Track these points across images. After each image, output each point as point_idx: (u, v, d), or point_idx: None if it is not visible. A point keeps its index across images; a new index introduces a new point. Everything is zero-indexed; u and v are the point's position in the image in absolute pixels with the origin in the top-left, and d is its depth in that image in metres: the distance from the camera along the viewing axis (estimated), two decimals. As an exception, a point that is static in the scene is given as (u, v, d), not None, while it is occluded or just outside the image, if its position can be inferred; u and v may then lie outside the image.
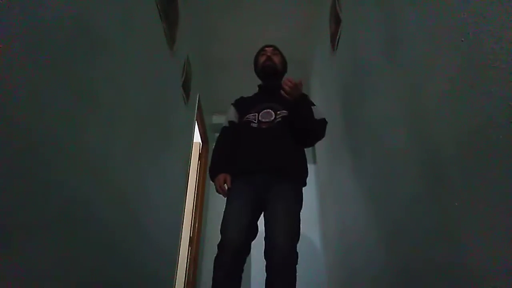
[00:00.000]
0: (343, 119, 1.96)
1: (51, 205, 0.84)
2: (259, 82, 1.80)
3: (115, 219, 1.23)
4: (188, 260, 2.74)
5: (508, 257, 0.64)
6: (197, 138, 3.21)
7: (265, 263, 1.23)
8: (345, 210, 1.99)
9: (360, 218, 1.64)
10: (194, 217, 2.98)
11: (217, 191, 1.48)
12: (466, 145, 0.77)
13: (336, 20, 2.00)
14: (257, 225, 1.39)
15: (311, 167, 3.37)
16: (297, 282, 1.23)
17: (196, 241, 2.93)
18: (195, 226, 2.97)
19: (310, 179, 3.27)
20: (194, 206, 3.01)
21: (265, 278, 1.22)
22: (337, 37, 1.99)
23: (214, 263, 1.27)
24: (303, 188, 1.51)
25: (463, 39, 0.77)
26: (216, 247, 1.29)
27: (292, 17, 2.70)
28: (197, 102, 2.84)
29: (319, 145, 2.95)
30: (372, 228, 1.45)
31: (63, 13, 0.90)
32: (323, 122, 1.57)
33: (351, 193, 1.82)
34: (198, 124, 3.06)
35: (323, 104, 2.63)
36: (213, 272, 1.26)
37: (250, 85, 1.81)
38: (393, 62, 1.20)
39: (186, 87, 2.38)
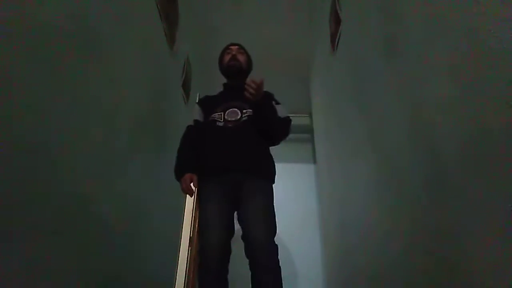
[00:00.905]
0: (343, 119, 1.96)
1: (50, 205, 0.84)
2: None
3: (115, 219, 1.23)
4: (188, 260, 2.74)
5: (508, 257, 0.64)
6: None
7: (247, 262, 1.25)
8: (345, 210, 1.99)
9: (360, 218, 1.64)
10: (194, 217, 2.97)
11: (183, 190, 1.45)
12: (466, 145, 0.77)
13: (336, 20, 2.00)
14: (233, 223, 1.40)
15: (311, 167, 3.39)
16: (296, 282, 1.24)
17: (196, 241, 2.93)
18: (195, 226, 2.97)
19: (310, 179, 3.29)
20: (194, 206, 3.01)
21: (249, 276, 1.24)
22: (337, 37, 1.99)
23: (200, 271, 1.28)
24: (273, 185, 1.53)
25: (467, 35, 0.77)
26: (197, 253, 1.30)
27: (292, 17, 2.70)
28: (197, 102, 2.84)
29: (319, 145, 2.95)
30: (372, 228, 1.45)
31: (62, 13, 0.90)
32: (286, 121, 1.58)
33: (351, 193, 1.82)
34: (198, 124, 3.05)
35: (323, 104, 2.63)
36: (200, 279, 1.27)
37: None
38: (393, 62, 1.20)
39: (186, 87, 2.38)
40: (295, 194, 3.10)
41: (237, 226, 1.39)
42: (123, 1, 1.31)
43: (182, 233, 2.36)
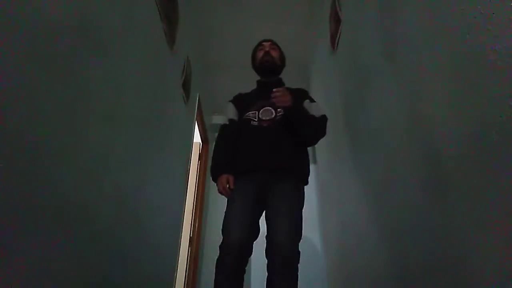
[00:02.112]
0: (343, 119, 1.96)
1: (50, 205, 0.84)
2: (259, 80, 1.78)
3: (115, 219, 1.23)
4: (188, 260, 2.74)
5: (508, 257, 0.64)
6: (197, 138, 3.21)
7: (265, 262, 1.23)
8: (345, 210, 1.99)
9: (360, 218, 1.64)
10: (194, 217, 2.98)
11: (219, 192, 1.44)
12: (466, 145, 0.77)
13: (336, 20, 2.00)
14: (259, 224, 1.37)
15: (311, 167, 3.39)
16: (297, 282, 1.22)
17: (196, 241, 2.93)
18: (195, 226, 2.97)
19: (310, 179, 3.27)
20: (194, 206, 3.01)
21: (266, 277, 1.22)
22: (337, 37, 1.99)
23: (216, 265, 1.26)
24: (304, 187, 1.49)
25: (467, 35, 0.77)
26: (218, 247, 1.27)
27: (292, 17, 2.70)
28: (197, 102, 2.84)
29: (319, 145, 2.95)
30: (373, 229, 1.45)
31: (62, 13, 0.90)
32: (323, 119, 1.54)
33: (351, 193, 1.82)
34: (198, 124, 3.06)
35: (323, 104, 2.63)
36: (215, 273, 1.24)
37: (250, 85, 1.81)
38: (393, 62, 1.20)
39: (186, 87, 2.38)
40: (295, 194, 3.10)
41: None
42: (123, 1, 1.31)
43: (182, 233, 2.36)
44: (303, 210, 1.46)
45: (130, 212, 1.38)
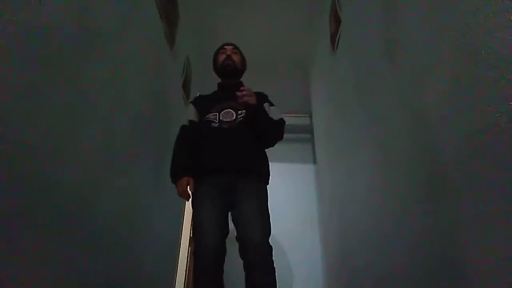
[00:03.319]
0: (343, 119, 1.96)
1: (50, 205, 0.84)
2: (258, 81, 1.80)
3: (115, 219, 1.23)
4: (188, 260, 2.74)
5: (509, 257, 0.64)
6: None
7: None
8: (345, 211, 1.99)
9: (360, 218, 1.64)
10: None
11: (179, 194, 1.42)
12: (466, 145, 0.77)
13: (336, 20, 2.00)
14: (228, 224, 1.40)
15: (311, 167, 3.39)
16: (296, 283, 1.24)
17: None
18: (195, 226, 2.97)
19: (310, 179, 3.29)
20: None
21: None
22: (337, 37, 1.99)
23: (195, 272, 1.28)
24: (267, 186, 1.53)
25: (467, 35, 0.77)
26: (193, 254, 1.30)
27: (292, 17, 2.70)
28: (197, 102, 2.84)
29: (319, 145, 2.95)
30: (373, 229, 1.45)
31: (62, 13, 0.90)
32: (281, 123, 1.60)
33: (351, 194, 1.82)
34: (198, 124, 3.05)
35: (323, 104, 2.63)
36: (195, 280, 1.27)
37: (250, 85, 1.81)
38: (393, 62, 1.20)
39: (186, 87, 2.38)
40: (295, 194, 3.10)
41: (231, 226, 1.39)
42: (123, 1, 1.31)
43: (182, 233, 2.36)
44: (301, 210, 1.47)
45: (130, 212, 1.38)
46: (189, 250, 2.79)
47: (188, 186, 1.41)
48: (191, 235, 2.84)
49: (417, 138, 1.03)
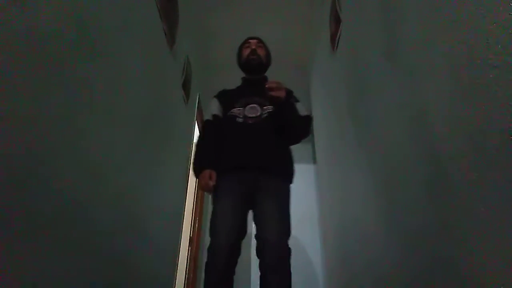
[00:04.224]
0: (343, 119, 1.96)
1: (50, 207, 0.84)
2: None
3: (115, 220, 1.23)
4: (188, 260, 2.74)
5: (509, 257, 0.64)
6: (197, 137, 3.21)
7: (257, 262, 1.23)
8: (345, 211, 1.99)
9: (360, 218, 1.64)
10: (194, 217, 2.98)
11: (201, 187, 1.41)
12: (466, 145, 0.77)
13: (336, 20, 2.00)
14: (246, 223, 1.36)
15: (311, 167, 3.39)
16: (296, 283, 1.23)
17: (196, 241, 2.93)
18: (195, 226, 2.97)
19: (310, 179, 3.29)
20: (194, 206, 3.01)
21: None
22: (337, 37, 1.99)
23: (206, 268, 1.26)
24: (291, 185, 1.49)
25: (467, 35, 0.77)
26: (207, 250, 1.27)
27: (292, 17, 2.70)
28: (197, 102, 2.85)
29: (319, 145, 2.95)
30: (372, 229, 1.45)
31: (62, 13, 0.90)
32: (307, 120, 1.54)
33: (351, 194, 1.82)
34: (198, 124, 3.06)
35: (323, 104, 2.63)
36: (205, 277, 1.24)
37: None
38: (393, 62, 1.20)
39: (186, 87, 2.39)
40: (295, 194, 3.08)
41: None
42: (123, 1, 1.31)
43: (182, 233, 2.36)
44: (302, 210, 1.45)
45: (130, 212, 1.38)
46: (189, 250, 2.79)
47: (211, 179, 1.38)
48: (191, 235, 2.84)
49: (417, 138, 1.03)
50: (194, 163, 1.49)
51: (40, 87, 0.80)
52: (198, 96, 2.87)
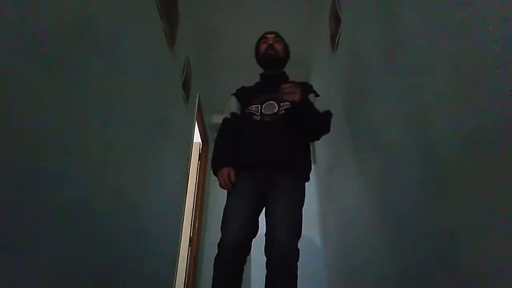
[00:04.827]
0: (343, 119, 1.96)
1: (50, 206, 0.84)
2: (258, 81, 1.77)
3: (115, 220, 1.23)
4: (188, 260, 2.74)
5: (508, 257, 0.64)
6: (197, 138, 3.22)
7: (265, 260, 1.22)
8: (345, 210, 1.99)
9: (360, 218, 1.64)
10: (194, 217, 2.98)
11: (220, 185, 1.41)
12: (466, 145, 0.77)
13: (336, 20, 2.00)
14: (258, 222, 1.35)
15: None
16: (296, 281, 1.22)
17: (196, 241, 2.93)
18: (195, 226, 2.97)
19: (310, 179, 3.29)
20: (194, 206, 3.01)
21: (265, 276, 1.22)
22: (337, 37, 1.99)
23: (214, 263, 1.25)
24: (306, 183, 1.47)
25: (467, 35, 0.77)
26: (216, 246, 1.27)
27: (292, 17, 2.70)
28: (197, 102, 2.84)
29: (319, 145, 2.95)
30: (372, 228, 1.45)
31: (62, 13, 0.90)
32: (328, 115, 1.50)
33: (351, 193, 1.82)
34: (198, 124, 3.06)
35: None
36: (214, 272, 1.24)
37: (249, 85, 1.81)
38: (393, 62, 1.20)
39: (186, 87, 2.38)
40: (295, 194, 3.10)
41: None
42: (123, 1, 1.31)
43: (182, 233, 2.36)
44: (303, 208, 1.44)
45: (130, 212, 1.38)
46: (189, 250, 2.79)
47: (230, 177, 1.38)
48: (191, 235, 2.84)
49: (416, 137, 1.03)
50: (212, 161, 1.48)
51: (40, 86, 0.80)
52: (198, 96, 2.87)
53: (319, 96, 1.58)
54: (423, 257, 0.98)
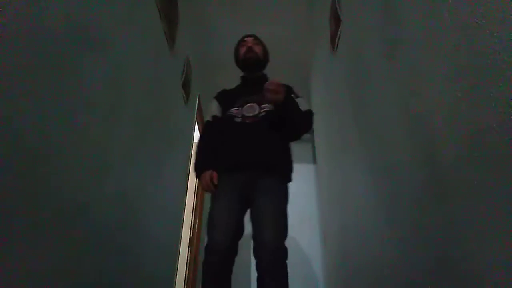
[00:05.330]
0: (343, 119, 1.96)
1: (50, 206, 0.84)
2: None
3: (115, 220, 1.23)
4: (188, 260, 2.74)
5: (509, 257, 0.64)
6: (197, 138, 3.21)
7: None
8: (345, 211, 1.99)
9: (360, 218, 1.64)
10: (194, 217, 2.98)
11: (203, 188, 1.42)
12: (466, 145, 0.77)
13: (336, 20, 2.00)
14: (243, 223, 1.37)
15: (310, 167, 3.39)
16: (295, 283, 1.22)
17: (196, 241, 2.93)
18: (195, 226, 2.97)
19: (310, 179, 3.30)
20: (194, 206, 3.01)
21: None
22: (337, 37, 1.99)
23: (203, 268, 1.26)
24: (289, 184, 1.49)
25: (467, 35, 0.77)
26: (204, 249, 1.28)
27: (292, 17, 2.70)
28: (197, 102, 2.85)
29: (319, 145, 2.95)
30: (372, 229, 1.45)
31: (62, 13, 0.90)
32: (309, 115, 1.53)
33: (351, 193, 1.82)
34: (198, 124, 3.06)
35: (323, 104, 2.63)
36: (203, 276, 1.25)
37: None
38: (393, 62, 1.20)
39: (186, 87, 2.39)
40: (295, 194, 3.08)
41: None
42: (123, 1, 1.31)
43: (182, 233, 2.36)
44: (302, 210, 1.44)
45: (130, 212, 1.38)
46: (189, 250, 2.79)
47: (212, 180, 1.39)
48: (191, 235, 2.84)
49: (417, 138, 1.03)
50: (195, 164, 1.50)
51: (40, 86, 0.80)
52: (198, 96, 2.87)
53: (299, 97, 1.60)
54: (423, 258, 0.98)
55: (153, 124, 1.68)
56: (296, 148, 1.52)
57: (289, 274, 1.23)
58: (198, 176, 1.46)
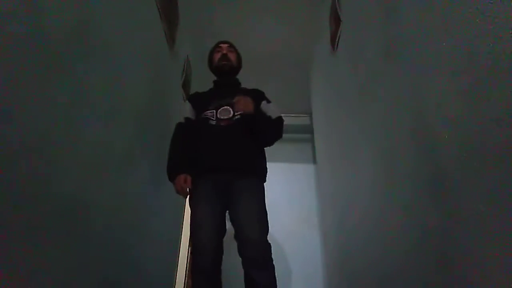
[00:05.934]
0: (343, 119, 1.96)
1: (50, 206, 0.84)
2: (258, 81, 1.80)
3: (115, 220, 1.23)
4: (188, 260, 2.74)
5: (508, 257, 0.64)
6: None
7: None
8: (345, 211, 1.99)
9: (360, 219, 1.64)
10: (194, 217, 2.97)
11: (177, 192, 1.42)
12: (467, 145, 0.77)
13: (336, 20, 2.00)
14: (225, 223, 1.40)
15: (311, 167, 3.39)
16: (295, 283, 1.25)
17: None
18: (195, 226, 2.96)
19: (310, 179, 3.29)
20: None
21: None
22: (337, 37, 1.99)
23: (193, 270, 1.29)
24: (264, 183, 1.53)
25: (468, 36, 0.77)
26: (190, 253, 1.32)
27: (292, 17, 2.70)
28: (197, 102, 2.84)
29: (319, 145, 2.95)
30: (373, 229, 1.45)
31: (62, 13, 0.90)
32: (279, 122, 1.57)
33: (351, 194, 1.82)
34: (198, 124, 3.05)
35: (323, 104, 2.63)
36: (193, 279, 1.28)
37: (249, 85, 1.81)
38: (393, 62, 1.20)
39: (186, 87, 2.39)
40: (295, 194, 3.10)
41: (228, 224, 1.40)
42: (123, 1, 1.31)
43: (182, 233, 2.36)
44: (302, 210, 1.48)
45: (130, 213, 1.38)
46: (189, 250, 2.79)
47: (186, 183, 1.40)
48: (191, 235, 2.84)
49: (417, 138, 1.03)
50: (167, 168, 1.49)
51: (40, 86, 0.80)
52: (198, 96, 2.87)
53: (271, 102, 1.64)
54: (425, 258, 0.98)
55: (153, 124, 1.68)
56: (296, 148, 1.52)
57: (289, 275, 1.26)
58: (171, 179, 1.46)
